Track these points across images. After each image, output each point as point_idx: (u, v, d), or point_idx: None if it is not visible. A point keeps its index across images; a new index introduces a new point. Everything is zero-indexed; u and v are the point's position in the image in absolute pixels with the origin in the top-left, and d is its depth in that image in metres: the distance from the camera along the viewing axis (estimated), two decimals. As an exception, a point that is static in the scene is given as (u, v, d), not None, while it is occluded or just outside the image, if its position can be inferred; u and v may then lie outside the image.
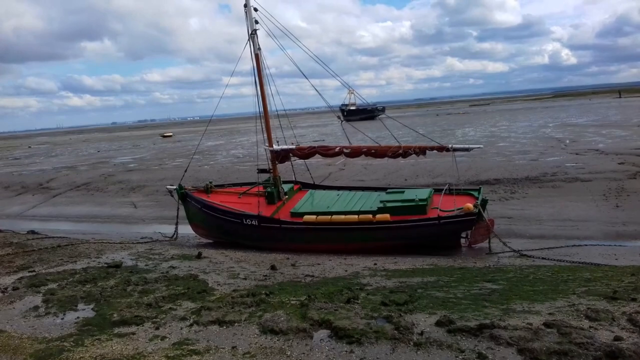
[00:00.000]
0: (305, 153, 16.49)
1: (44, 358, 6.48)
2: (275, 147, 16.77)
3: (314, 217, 14.60)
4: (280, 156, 16.79)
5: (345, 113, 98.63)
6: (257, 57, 16.41)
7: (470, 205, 13.74)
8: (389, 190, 16.24)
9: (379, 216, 14.03)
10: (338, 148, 16.10)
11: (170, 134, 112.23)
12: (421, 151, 15.22)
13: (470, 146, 15.54)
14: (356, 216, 14.25)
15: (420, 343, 6.09)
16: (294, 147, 16.77)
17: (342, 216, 14.39)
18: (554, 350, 5.55)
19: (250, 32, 16.15)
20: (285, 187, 16.98)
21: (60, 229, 21.01)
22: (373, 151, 15.74)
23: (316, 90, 18.06)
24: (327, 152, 16.25)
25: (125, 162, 47.01)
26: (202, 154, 47.84)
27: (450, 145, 14.82)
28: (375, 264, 11.85)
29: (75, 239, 16.50)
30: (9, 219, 24.70)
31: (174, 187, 17.67)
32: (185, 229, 17.59)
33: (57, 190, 31.70)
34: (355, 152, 15.97)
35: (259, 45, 16.41)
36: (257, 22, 16.13)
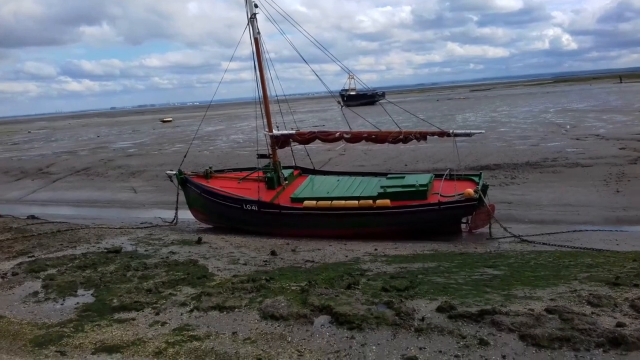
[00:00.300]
0: (306, 138, 16.37)
1: (43, 344, 6.47)
2: (275, 132, 16.65)
3: (314, 202, 14.54)
4: (280, 141, 16.67)
5: (345, 98, 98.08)
6: (257, 42, 16.24)
7: (470, 190, 13.67)
8: (389, 176, 16.17)
9: (379, 202, 13.97)
10: (338, 133, 15.99)
11: (170, 119, 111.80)
12: (422, 136, 15.12)
13: (472, 131, 15.43)
14: (356, 201, 14.19)
15: (421, 329, 6.07)
16: (293, 132, 16.66)
17: (342, 201, 14.32)
18: (556, 337, 5.53)
19: (249, 16, 15.96)
20: (285, 173, 16.89)
21: (60, 213, 20.98)
22: (373, 136, 15.63)
23: (316, 75, 17.91)
24: (327, 137, 16.15)
25: (125, 147, 46.88)
26: (202, 139, 47.66)
27: (451, 131, 14.72)
28: (375, 249, 11.82)
29: (75, 224, 16.45)
30: (9, 204, 24.64)
31: (174, 172, 17.59)
32: (186, 214, 17.56)
33: (57, 175, 31.63)
34: (355, 138, 15.86)
35: (258, 29, 16.23)
36: (256, 6, 15.94)
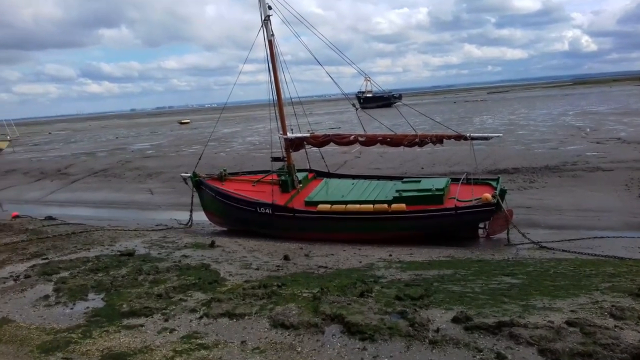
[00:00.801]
0: (320, 141, 16.20)
1: (50, 350, 6.38)
2: (289, 135, 16.52)
3: (328, 206, 14.38)
4: (295, 144, 16.55)
5: (361, 100, 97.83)
6: (271, 44, 16.12)
7: (488, 195, 13.40)
8: (405, 180, 15.94)
9: (394, 206, 13.76)
10: (353, 136, 15.78)
11: (188, 120, 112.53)
12: (438, 140, 14.84)
13: (489, 135, 15.12)
14: (371, 206, 14.00)
15: (435, 341, 5.86)
16: (308, 135, 16.51)
17: (357, 205, 14.14)
18: (577, 352, 5.29)
19: (263, 18, 15.86)
20: (300, 176, 16.76)
21: (78, 214, 21.14)
22: (389, 140, 15.39)
23: (331, 78, 17.75)
24: (341, 140, 15.95)
25: (142, 148, 47.20)
26: (219, 141, 47.81)
27: (468, 134, 14.43)
28: (390, 255, 11.61)
29: (90, 225, 16.52)
30: (28, 204, 24.98)
31: (189, 174, 17.58)
32: (201, 216, 17.53)
33: (76, 176, 31.94)
34: (370, 141, 15.64)
35: (272, 31, 16.10)
36: (270, 7, 15.82)
